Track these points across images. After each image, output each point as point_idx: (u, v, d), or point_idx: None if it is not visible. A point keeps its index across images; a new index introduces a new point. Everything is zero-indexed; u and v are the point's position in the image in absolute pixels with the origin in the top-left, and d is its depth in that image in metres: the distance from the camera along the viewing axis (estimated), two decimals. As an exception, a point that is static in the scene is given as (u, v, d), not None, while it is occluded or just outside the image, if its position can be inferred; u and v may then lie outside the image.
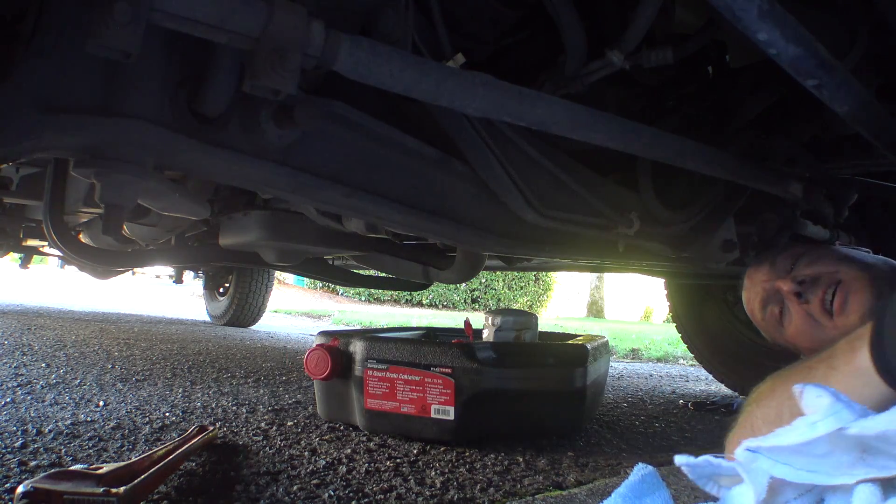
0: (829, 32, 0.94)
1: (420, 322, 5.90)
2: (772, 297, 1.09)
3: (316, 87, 0.88)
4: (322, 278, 2.74)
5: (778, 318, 1.08)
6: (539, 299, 13.58)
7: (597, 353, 1.76)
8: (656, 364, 4.19)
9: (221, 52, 0.72)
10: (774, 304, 1.08)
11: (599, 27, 1.12)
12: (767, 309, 1.10)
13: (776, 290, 1.07)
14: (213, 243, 2.08)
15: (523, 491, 1.20)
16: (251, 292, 4.51)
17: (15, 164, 1.79)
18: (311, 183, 0.89)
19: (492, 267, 2.42)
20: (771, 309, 1.09)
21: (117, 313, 5.25)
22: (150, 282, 13.00)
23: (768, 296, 1.09)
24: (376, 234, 1.37)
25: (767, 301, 1.10)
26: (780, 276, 1.07)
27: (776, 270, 1.09)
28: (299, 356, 3.10)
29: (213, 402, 1.84)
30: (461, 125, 1.01)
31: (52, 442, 1.32)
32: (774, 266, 1.10)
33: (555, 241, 1.27)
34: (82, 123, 0.68)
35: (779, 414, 0.69)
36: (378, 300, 12.39)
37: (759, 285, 1.12)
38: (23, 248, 3.71)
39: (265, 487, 1.13)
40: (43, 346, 2.81)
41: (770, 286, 1.08)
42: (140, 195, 0.80)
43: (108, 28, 0.55)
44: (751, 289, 1.15)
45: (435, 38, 0.97)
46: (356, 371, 1.53)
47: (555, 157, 1.17)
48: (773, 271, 1.09)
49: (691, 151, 1.06)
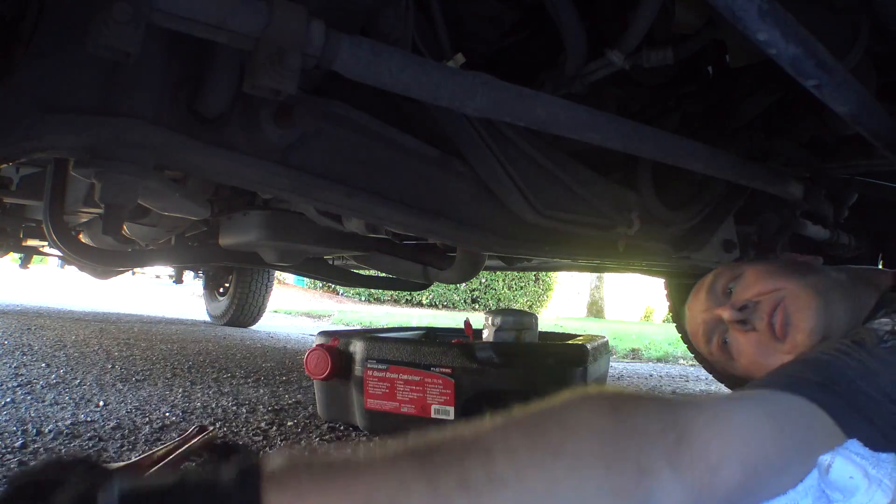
0: (829, 32, 0.94)
1: (420, 322, 5.90)
2: (714, 327, 0.95)
3: (316, 87, 0.88)
4: (322, 278, 2.73)
5: (723, 349, 0.95)
6: (539, 299, 13.57)
7: (597, 353, 1.76)
8: (656, 364, 4.19)
9: (221, 52, 0.72)
10: (718, 335, 0.95)
11: (599, 27, 1.12)
12: (713, 341, 0.96)
13: (717, 320, 0.94)
14: (213, 243, 2.08)
15: (523, 491, 1.20)
16: (251, 292, 4.50)
17: (15, 164, 1.79)
18: (311, 183, 0.89)
19: (492, 267, 2.42)
20: (717, 340, 0.95)
21: (117, 313, 5.25)
22: (150, 282, 12.99)
23: (710, 327, 0.96)
24: (376, 234, 1.37)
25: (710, 333, 0.96)
26: (720, 302, 0.94)
27: (713, 297, 0.96)
28: (299, 356, 3.10)
29: (213, 402, 1.84)
30: (461, 125, 1.01)
31: (52, 442, 1.32)
32: (712, 292, 0.96)
33: (555, 241, 1.26)
34: (82, 123, 0.68)
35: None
36: (378, 300, 12.39)
37: (699, 316, 0.98)
38: (23, 248, 3.71)
39: (265, 487, 1.13)
40: (43, 346, 2.81)
41: (710, 316, 0.95)
42: (140, 195, 0.80)
43: (108, 28, 0.55)
44: (691, 321, 1.02)
45: (435, 38, 0.97)
46: (356, 371, 1.53)
47: (555, 157, 1.17)
48: (711, 298, 0.96)
49: (691, 151, 1.06)
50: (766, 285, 0.89)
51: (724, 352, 0.95)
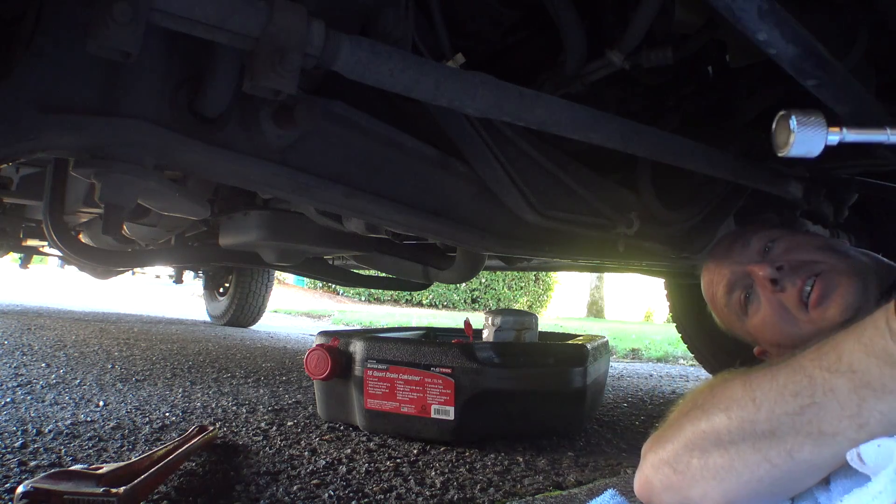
0: (829, 32, 0.93)
1: (420, 322, 5.90)
2: (739, 281, 0.96)
3: (316, 87, 0.88)
4: (322, 278, 2.74)
5: (742, 305, 0.96)
6: (539, 299, 13.58)
7: (597, 353, 1.77)
8: (656, 364, 4.19)
9: (221, 52, 0.72)
10: (741, 290, 0.96)
11: (599, 27, 1.12)
12: (733, 295, 0.97)
13: (746, 275, 0.94)
14: (213, 243, 2.09)
15: (523, 491, 1.20)
16: (251, 292, 4.51)
17: (15, 164, 1.79)
18: (311, 183, 0.89)
19: (492, 267, 2.42)
20: (737, 295, 0.96)
21: (117, 313, 5.25)
22: (150, 282, 13.00)
23: (736, 280, 0.96)
24: (376, 234, 1.37)
25: (733, 286, 0.97)
26: (755, 259, 0.94)
27: (747, 253, 0.96)
28: (299, 356, 3.10)
29: (213, 402, 1.84)
30: (461, 125, 1.01)
31: (52, 442, 1.32)
32: (746, 247, 0.97)
33: (555, 241, 1.26)
34: (82, 123, 0.68)
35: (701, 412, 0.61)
36: (378, 300, 12.39)
37: (727, 268, 0.98)
38: (23, 248, 3.72)
39: (265, 487, 1.13)
40: (43, 346, 2.81)
41: (740, 269, 0.95)
42: (140, 195, 0.80)
43: (107, 28, 0.56)
44: (715, 271, 1.02)
45: (435, 38, 0.97)
46: (356, 371, 1.53)
47: (555, 157, 1.17)
48: (745, 254, 0.97)
49: (691, 151, 1.06)
50: (806, 254, 0.90)
51: (741, 307, 0.96)
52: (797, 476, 0.56)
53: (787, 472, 0.55)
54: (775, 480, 0.56)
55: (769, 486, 0.57)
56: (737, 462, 0.58)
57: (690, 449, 0.62)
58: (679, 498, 0.63)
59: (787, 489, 0.57)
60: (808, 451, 0.53)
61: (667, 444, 0.65)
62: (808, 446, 0.53)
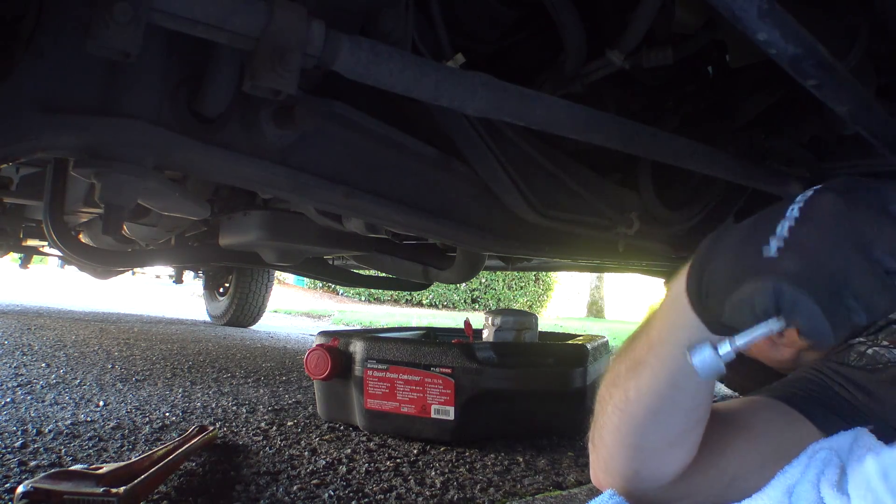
0: (829, 32, 0.93)
1: (420, 322, 5.90)
2: None
3: (316, 87, 0.88)
4: (322, 278, 2.74)
5: None
6: (539, 299, 13.57)
7: (597, 353, 1.76)
8: (656, 364, 4.19)
9: (221, 52, 0.72)
10: None
11: (599, 27, 1.12)
12: None
13: None
14: (213, 243, 2.09)
15: (523, 491, 1.20)
16: (251, 292, 4.51)
17: (15, 164, 1.79)
18: (311, 183, 0.89)
19: (492, 267, 2.42)
20: None
21: (117, 313, 5.25)
22: (150, 282, 12.99)
23: None
24: (376, 234, 1.37)
25: None
26: None
27: None
28: (299, 356, 3.10)
29: (213, 402, 1.84)
30: (461, 125, 1.01)
31: (52, 442, 1.32)
32: None
33: (555, 242, 1.27)
34: (82, 123, 0.68)
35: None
36: (378, 300, 12.39)
37: None
38: (23, 248, 3.72)
39: (265, 487, 1.13)
40: (43, 346, 2.81)
41: None
42: (140, 195, 0.80)
43: (107, 28, 0.56)
44: None
45: (435, 38, 0.97)
46: (356, 371, 1.53)
47: (555, 157, 1.17)
48: None
49: (691, 151, 1.06)
50: None
51: None
52: (646, 407, 0.61)
53: (634, 409, 0.62)
54: (628, 419, 0.63)
55: (633, 428, 0.63)
56: (600, 419, 0.66)
57: (597, 428, 0.68)
58: (605, 470, 0.68)
59: (647, 426, 0.62)
60: (632, 384, 0.62)
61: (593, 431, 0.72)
62: (633, 381, 0.62)
